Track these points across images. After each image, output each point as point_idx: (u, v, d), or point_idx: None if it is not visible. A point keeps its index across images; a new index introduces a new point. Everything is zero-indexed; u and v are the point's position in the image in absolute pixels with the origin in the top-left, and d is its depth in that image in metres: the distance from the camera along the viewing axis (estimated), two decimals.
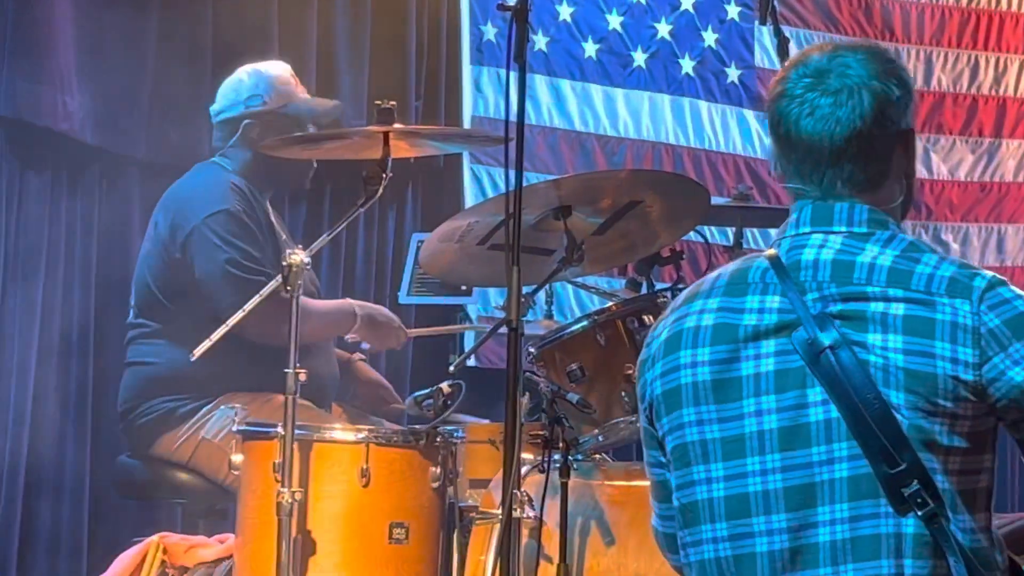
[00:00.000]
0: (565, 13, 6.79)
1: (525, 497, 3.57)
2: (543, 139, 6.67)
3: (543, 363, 3.96)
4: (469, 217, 3.99)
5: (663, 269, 4.40)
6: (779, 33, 5.19)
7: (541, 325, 4.54)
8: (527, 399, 3.75)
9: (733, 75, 7.11)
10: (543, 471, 3.64)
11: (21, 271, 5.43)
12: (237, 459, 3.91)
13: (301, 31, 6.08)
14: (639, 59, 6.93)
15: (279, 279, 3.84)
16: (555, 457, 3.66)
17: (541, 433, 3.65)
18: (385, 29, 6.32)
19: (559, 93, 6.77)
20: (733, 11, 7.12)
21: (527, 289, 3.59)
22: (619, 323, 3.90)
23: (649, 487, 2.92)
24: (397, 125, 4.00)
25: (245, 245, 4.66)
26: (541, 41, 6.70)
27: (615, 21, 6.89)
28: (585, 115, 6.81)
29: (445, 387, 3.85)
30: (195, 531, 4.58)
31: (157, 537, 4.33)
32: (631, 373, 3.86)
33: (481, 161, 6.51)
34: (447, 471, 3.87)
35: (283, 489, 3.70)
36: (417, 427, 3.90)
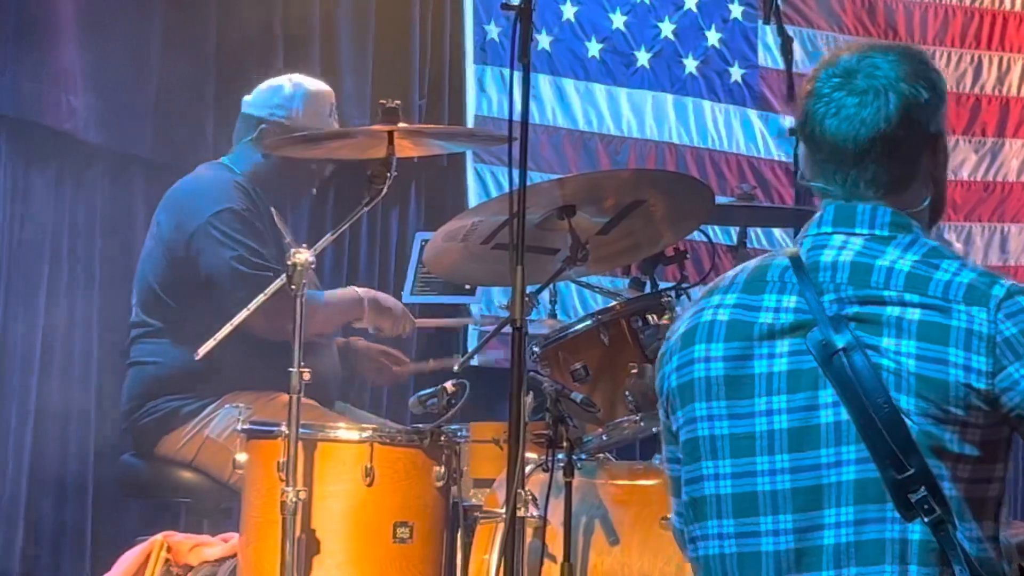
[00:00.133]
0: (569, 12, 6.79)
1: (529, 496, 3.58)
2: (546, 138, 6.67)
3: (547, 362, 3.96)
4: (473, 216, 3.98)
5: (667, 268, 4.40)
6: (782, 32, 5.20)
7: (545, 324, 4.53)
8: (531, 398, 3.75)
9: (736, 74, 7.11)
10: (547, 470, 3.64)
11: (24, 269, 5.43)
12: (241, 458, 3.90)
13: (305, 30, 6.09)
14: (642, 58, 6.93)
15: (283, 278, 3.84)
16: (559, 456, 3.66)
17: (545, 432, 3.65)
18: (389, 28, 6.32)
19: (562, 92, 6.77)
20: (736, 10, 7.12)
21: (531, 288, 3.59)
22: (623, 322, 3.91)
23: (655, 486, 2.94)
24: (402, 124, 3.99)
25: (251, 242, 4.65)
26: (545, 40, 6.70)
27: (619, 20, 6.89)
28: (588, 114, 6.80)
29: (449, 386, 3.84)
30: (199, 530, 4.58)
31: (161, 536, 4.33)
32: (635, 372, 3.87)
33: (484, 160, 6.51)
34: (451, 470, 3.86)
35: (287, 488, 3.69)
36: (421, 426, 3.90)
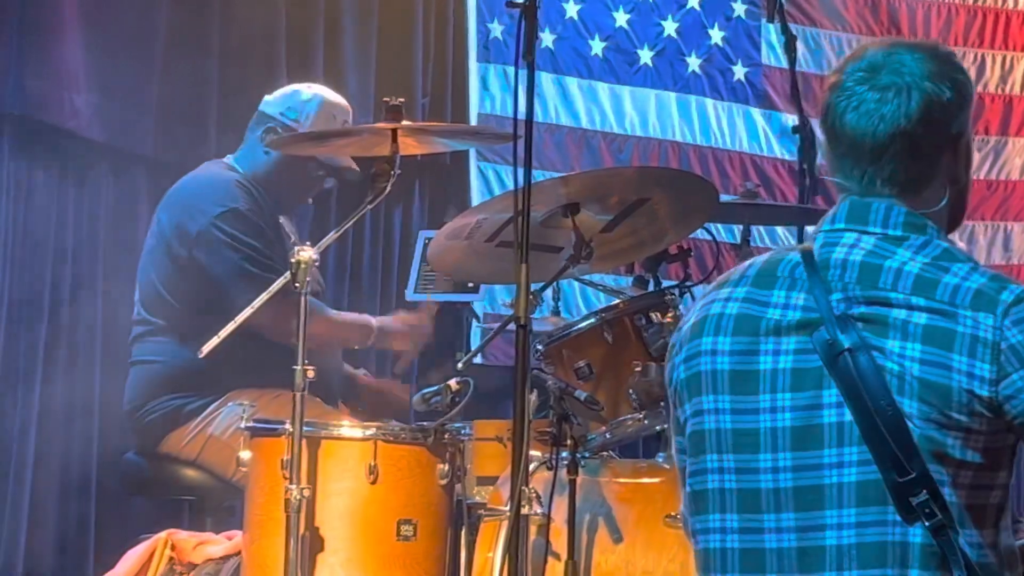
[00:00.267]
0: (572, 11, 6.79)
1: (533, 494, 3.58)
2: (549, 137, 6.67)
3: (550, 360, 3.96)
4: (477, 214, 3.97)
5: (670, 266, 4.39)
6: (786, 31, 5.20)
7: (548, 322, 4.53)
8: (535, 396, 3.75)
9: (739, 73, 7.10)
10: (551, 468, 3.64)
11: (28, 267, 5.43)
12: (245, 456, 3.90)
13: (308, 28, 6.09)
14: (645, 57, 6.93)
15: (287, 275, 3.84)
16: (563, 454, 3.66)
17: (549, 430, 3.65)
18: (392, 27, 6.32)
19: (566, 91, 6.77)
20: (739, 9, 7.12)
21: (534, 286, 3.58)
22: (627, 320, 3.90)
23: (658, 484, 2.94)
24: (405, 122, 3.97)
25: (256, 243, 4.66)
26: (548, 39, 6.70)
27: (622, 19, 6.89)
28: (592, 113, 6.80)
29: (453, 384, 3.84)
30: (203, 528, 4.58)
31: (165, 534, 4.32)
32: (639, 370, 3.87)
33: (488, 159, 6.52)
34: (455, 468, 3.86)
35: (291, 486, 3.68)
36: (425, 424, 3.90)
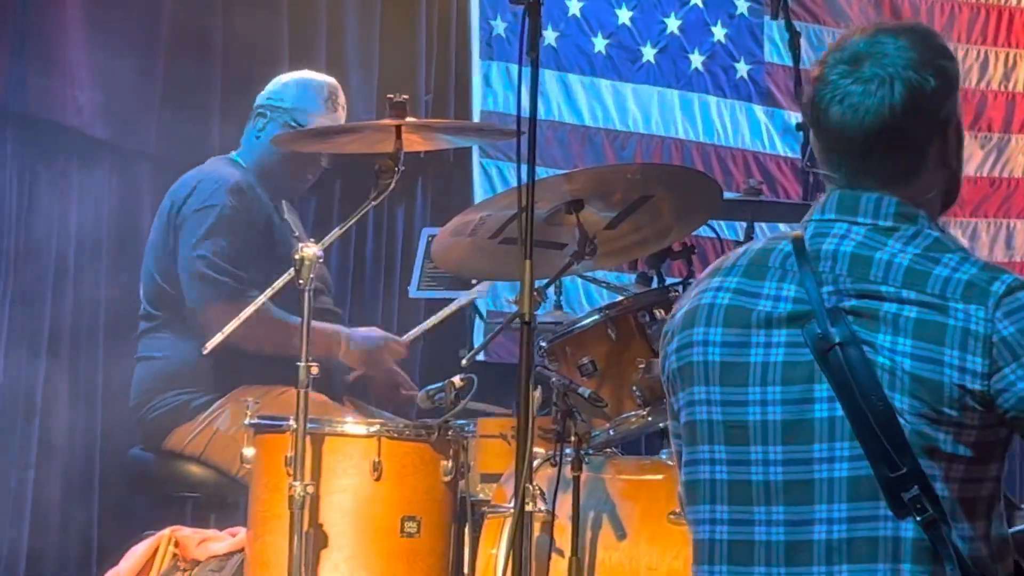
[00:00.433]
0: (575, 8, 6.79)
1: (537, 491, 3.57)
2: (552, 133, 6.66)
3: (554, 357, 3.96)
4: (481, 211, 3.97)
5: (674, 263, 4.39)
6: (790, 28, 5.19)
7: (554, 315, 4.53)
8: (539, 393, 3.74)
9: (742, 70, 7.10)
10: (555, 465, 3.64)
11: (31, 263, 5.43)
12: (249, 452, 3.90)
13: (311, 26, 6.09)
14: (648, 54, 6.93)
15: (290, 272, 3.83)
16: (567, 451, 3.66)
17: (553, 427, 3.65)
18: (395, 24, 6.32)
19: (568, 88, 6.76)
20: (742, 6, 7.12)
21: (538, 283, 3.58)
22: (630, 317, 3.90)
23: (662, 481, 2.93)
24: (409, 118, 3.97)
25: (224, 244, 4.65)
26: (551, 36, 6.70)
27: (624, 16, 6.89)
28: (594, 110, 6.80)
29: (457, 381, 3.84)
30: (207, 525, 4.58)
31: (169, 530, 4.33)
32: (642, 367, 3.86)
33: (491, 155, 6.52)
34: (459, 465, 3.86)
35: (295, 482, 3.69)
36: (429, 421, 3.90)
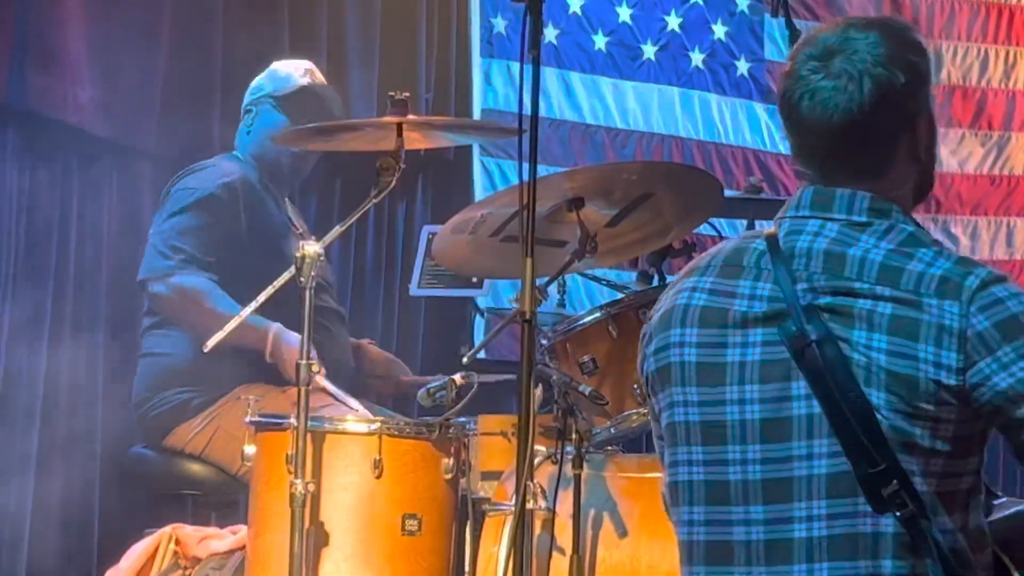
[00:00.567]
0: (575, 5, 6.79)
1: (538, 489, 3.58)
2: (553, 131, 6.66)
3: (555, 355, 3.96)
4: (482, 208, 3.96)
5: (674, 261, 4.39)
6: (791, 26, 5.19)
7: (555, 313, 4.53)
8: (540, 391, 3.74)
9: (743, 68, 7.10)
10: (556, 463, 3.64)
11: (32, 261, 5.43)
12: (250, 450, 3.90)
13: (311, 24, 6.09)
14: (649, 52, 6.93)
15: (291, 270, 3.82)
16: (568, 449, 3.66)
17: (554, 425, 3.65)
18: (395, 22, 6.32)
19: (569, 85, 6.76)
20: (743, 3, 7.12)
21: (539, 281, 3.58)
22: (631, 315, 3.90)
23: (662, 477, 2.91)
24: (411, 116, 3.97)
25: (183, 230, 4.69)
26: (551, 33, 6.70)
27: (625, 13, 6.89)
28: (595, 108, 6.80)
29: (457, 379, 3.84)
30: (208, 523, 4.57)
31: (170, 528, 4.33)
32: None
33: (491, 153, 6.51)
34: (460, 462, 3.86)
35: (296, 480, 3.68)
36: (430, 418, 3.90)
